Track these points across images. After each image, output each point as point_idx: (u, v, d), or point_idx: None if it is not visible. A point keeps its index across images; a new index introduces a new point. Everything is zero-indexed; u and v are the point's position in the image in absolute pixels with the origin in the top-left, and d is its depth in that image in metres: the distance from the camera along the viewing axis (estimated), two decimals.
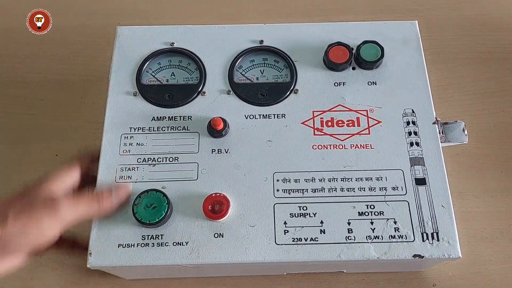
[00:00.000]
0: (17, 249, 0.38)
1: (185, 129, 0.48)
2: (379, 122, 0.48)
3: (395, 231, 0.43)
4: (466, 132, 0.48)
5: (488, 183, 0.58)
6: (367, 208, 0.44)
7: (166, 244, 0.43)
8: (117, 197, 0.42)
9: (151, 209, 0.43)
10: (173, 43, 0.53)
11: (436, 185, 0.45)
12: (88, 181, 0.45)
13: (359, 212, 0.44)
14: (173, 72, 0.52)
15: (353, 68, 0.51)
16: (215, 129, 0.46)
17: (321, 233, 0.43)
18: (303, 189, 0.45)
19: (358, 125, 0.48)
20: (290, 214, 0.44)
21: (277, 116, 0.49)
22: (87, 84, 0.65)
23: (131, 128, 0.48)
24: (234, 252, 0.42)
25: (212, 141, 0.47)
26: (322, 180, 0.45)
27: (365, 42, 0.51)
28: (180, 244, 0.43)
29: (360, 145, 0.47)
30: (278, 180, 0.45)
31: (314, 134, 0.48)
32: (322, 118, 0.48)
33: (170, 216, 0.44)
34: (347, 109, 0.49)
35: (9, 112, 0.64)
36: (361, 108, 0.49)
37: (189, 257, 0.42)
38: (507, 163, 0.59)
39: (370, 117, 0.48)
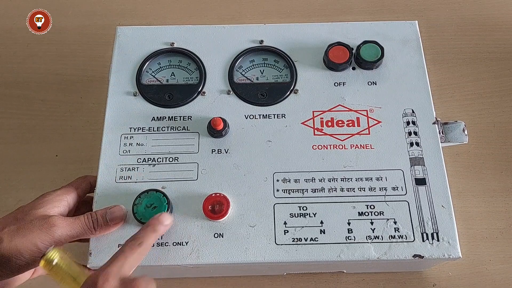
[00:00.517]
0: (14, 268, 0.38)
1: (185, 129, 0.48)
2: (379, 122, 0.48)
3: (395, 231, 0.43)
4: (466, 132, 0.48)
5: (488, 183, 0.58)
6: (367, 208, 0.44)
7: (166, 244, 0.43)
8: (112, 219, 0.42)
9: (151, 209, 0.43)
10: (173, 43, 0.53)
11: (436, 185, 0.45)
12: (85, 205, 0.46)
13: (359, 212, 0.44)
14: (173, 72, 0.52)
15: (353, 68, 0.51)
16: (215, 129, 0.46)
17: (321, 233, 0.43)
18: (303, 189, 0.45)
19: (358, 125, 0.48)
20: (290, 214, 0.44)
21: (277, 116, 0.49)
22: (87, 84, 0.65)
23: (131, 128, 0.48)
24: (234, 252, 0.42)
25: (212, 141, 0.47)
26: (322, 180, 0.45)
27: (365, 42, 0.51)
28: (180, 244, 0.43)
29: (360, 145, 0.47)
30: (278, 180, 0.45)
31: (314, 134, 0.47)
32: (322, 118, 0.48)
33: None
34: (347, 109, 0.49)
35: (9, 112, 0.64)
36: (361, 108, 0.49)
37: (189, 257, 0.42)
38: (507, 163, 0.59)
39: (370, 117, 0.48)
